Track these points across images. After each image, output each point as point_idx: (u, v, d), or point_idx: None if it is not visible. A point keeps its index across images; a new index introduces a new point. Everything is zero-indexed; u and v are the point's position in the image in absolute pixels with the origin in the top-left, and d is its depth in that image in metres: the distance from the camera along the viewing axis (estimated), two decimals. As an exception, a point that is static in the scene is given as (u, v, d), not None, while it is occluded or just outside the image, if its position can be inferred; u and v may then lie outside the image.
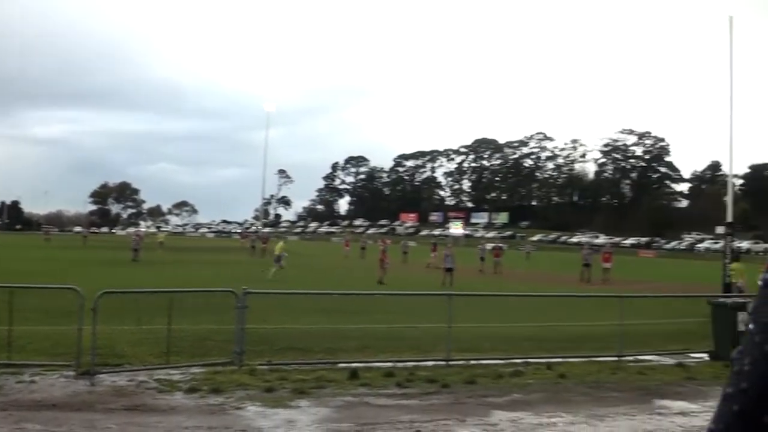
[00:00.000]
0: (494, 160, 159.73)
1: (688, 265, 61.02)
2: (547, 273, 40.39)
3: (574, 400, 10.42)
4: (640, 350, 14.84)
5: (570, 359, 13.49)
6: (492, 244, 55.10)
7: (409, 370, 11.77)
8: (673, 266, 60.22)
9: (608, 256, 38.12)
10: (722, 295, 19.02)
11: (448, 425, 8.66)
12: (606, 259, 37.60)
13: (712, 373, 12.97)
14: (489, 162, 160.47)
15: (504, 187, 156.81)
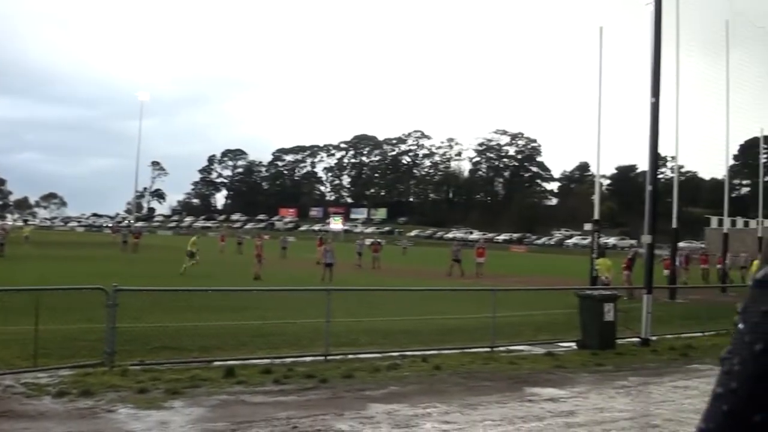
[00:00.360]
0: (373, 157, 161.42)
1: (558, 260, 64.13)
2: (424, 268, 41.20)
3: (449, 390, 10.68)
4: (511, 341, 15.43)
5: (445, 351, 13.83)
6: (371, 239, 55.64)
7: (287, 366, 11.68)
8: (543, 261, 63.08)
9: (482, 251, 39.29)
10: (589, 288, 20.08)
11: (325, 420, 8.65)
12: (480, 254, 38.74)
13: (580, 361, 13.68)
14: (368, 158, 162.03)
15: (383, 183, 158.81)
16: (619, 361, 13.98)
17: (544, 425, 8.87)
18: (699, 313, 20.18)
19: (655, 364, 14.01)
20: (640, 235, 20.16)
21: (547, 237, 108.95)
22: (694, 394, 11.31)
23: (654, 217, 17.82)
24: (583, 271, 28.99)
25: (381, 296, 17.24)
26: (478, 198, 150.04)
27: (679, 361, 14.58)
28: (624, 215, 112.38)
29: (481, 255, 38.60)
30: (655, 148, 17.92)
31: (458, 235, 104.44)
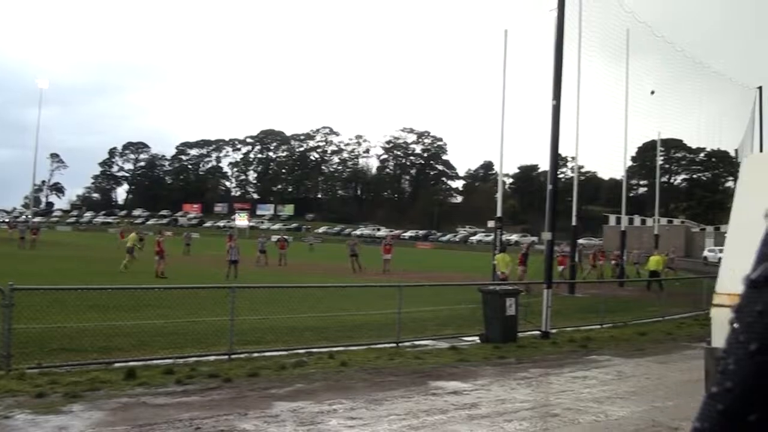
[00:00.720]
0: (281, 152, 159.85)
1: (462, 256, 65.40)
2: (331, 264, 41.16)
3: (355, 386, 10.73)
4: (417, 336, 15.65)
5: (351, 347, 13.90)
6: (277, 236, 55.06)
7: (190, 366, 11.45)
8: (448, 257, 64.19)
9: (389, 248, 39.64)
10: (492, 283, 20.57)
11: (229, 420, 8.53)
12: (387, 250, 39.06)
13: (483, 355, 14.03)
14: (275, 154, 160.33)
15: (290, 179, 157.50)
16: (521, 354, 14.42)
17: (448, 418, 9.04)
18: (597, 306, 21.04)
19: (555, 356, 14.53)
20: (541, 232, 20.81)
21: (452, 234, 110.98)
22: (592, 383, 11.80)
23: (554, 215, 18.45)
24: (487, 267, 29.69)
25: (287, 293, 17.10)
26: (386, 195, 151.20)
27: (578, 352, 15.17)
28: (526, 213, 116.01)
29: (388, 252, 38.92)
30: (556, 149, 18.55)
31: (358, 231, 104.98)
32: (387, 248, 39.32)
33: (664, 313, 22.03)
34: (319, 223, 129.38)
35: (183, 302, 14.98)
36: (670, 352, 15.48)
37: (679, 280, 31.45)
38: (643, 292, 29.83)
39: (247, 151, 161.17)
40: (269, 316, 14.93)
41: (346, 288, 18.80)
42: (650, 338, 17.73)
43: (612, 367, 13.47)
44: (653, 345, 16.64)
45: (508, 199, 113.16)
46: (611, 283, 29.19)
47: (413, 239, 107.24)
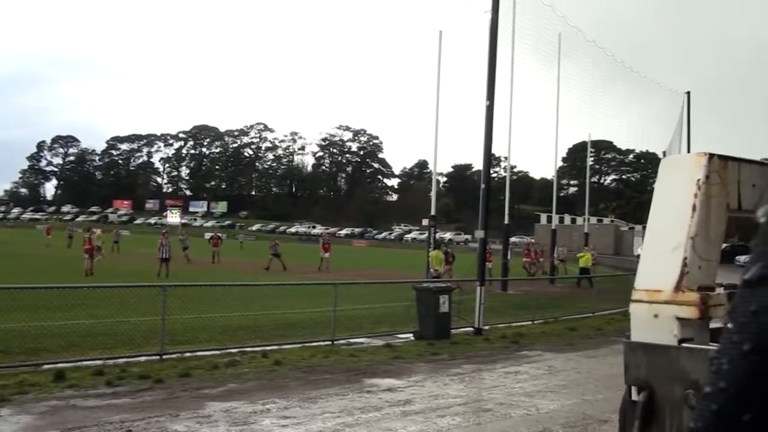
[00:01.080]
0: (214, 148, 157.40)
1: (398, 254, 65.76)
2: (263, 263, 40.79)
3: (289, 385, 10.71)
4: (352, 334, 15.70)
5: (286, 346, 13.85)
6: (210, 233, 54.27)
7: (120, 367, 11.24)
8: (383, 255, 64.42)
9: (327, 246, 39.69)
10: (426, 281, 20.78)
11: (160, 421, 8.40)
12: (325, 249, 39.11)
13: (417, 351, 14.17)
14: (208, 150, 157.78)
15: (223, 175, 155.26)
16: (454, 350, 14.62)
17: (382, 415, 9.11)
18: (528, 303, 21.50)
19: (488, 352, 14.79)
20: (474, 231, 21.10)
21: (387, 232, 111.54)
22: (523, 378, 12.07)
23: (487, 214, 18.76)
24: (421, 264, 29.98)
25: (220, 292, 16.91)
26: (321, 193, 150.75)
27: (510, 348, 15.48)
28: (460, 211, 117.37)
29: (326, 250, 38.95)
30: (489, 149, 18.86)
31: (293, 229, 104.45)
32: (326, 247, 39.33)
33: (593, 309, 22.66)
34: (253, 220, 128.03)
35: (113, 301, 14.65)
36: (599, 346, 15.94)
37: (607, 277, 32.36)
38: (573, 288, 30.61)
39: (180, 146, 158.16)
40: (202, 315, 14.74)
41: (281, 286, 18.70)
42: (580, 333, 18.21)
43: (543, 362, 13.80)
44: (583, 340, 17.10)
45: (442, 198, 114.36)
46: (542, 281, 29.88)
47: (349, 237, 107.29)
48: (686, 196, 1.62)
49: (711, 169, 1.65)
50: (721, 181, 1.68)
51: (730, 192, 1.71)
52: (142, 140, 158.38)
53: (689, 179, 1.64)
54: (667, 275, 1.60)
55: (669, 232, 1.63)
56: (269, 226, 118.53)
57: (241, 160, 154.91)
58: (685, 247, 1.59)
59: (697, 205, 1.61)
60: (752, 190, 1.77)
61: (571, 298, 25.82)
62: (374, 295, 20.38)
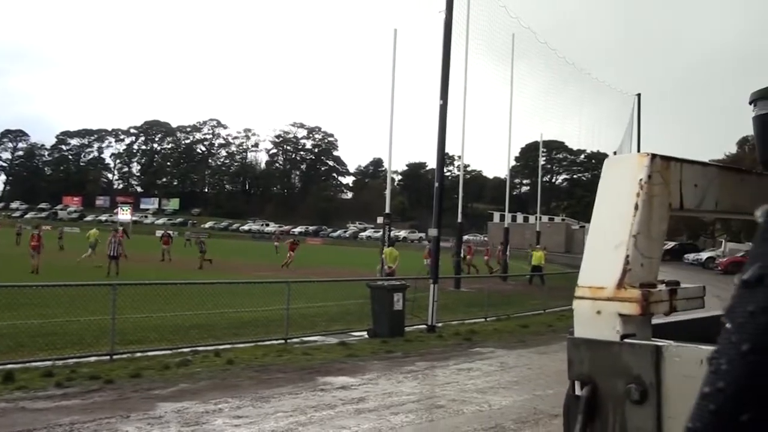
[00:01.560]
0: (166, 144, 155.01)
1: (352, 252, 65.70)
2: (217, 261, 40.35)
3: (242, 384, 10.63)
4: (306, 332, 15.66)
5: (238, 345, 13.75)
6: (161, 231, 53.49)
7: (70, 367, 11.04)
8: (338, 253, 64.27)
9: (294, 246, 39.70)
10: (380, 279, 20.82)
11: (111, 423, 8.27)
12: (292, 248, 39.20)
13: (371, 349, 14.20)
14: (160, 146, 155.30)
15: (175, 172, 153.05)
16: (408, 348, 14.69)
17: (336, 413, 9.12)
18: (481, 300, 21.71)
19: (441, 349, 14.90)
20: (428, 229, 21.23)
21: (342, 230, 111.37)
22: (476, 375, 12.20)
23: (441, 212, 18.89)
24: (375, 262, 29.99)
25: (172, 290, 16.64)
26: (275, 190, 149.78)
27: (463, 345, 15.62)
28: (414, 210, 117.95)
29: (293, 249, 39.00)
30: (443, 148, 19.00)
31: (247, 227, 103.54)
32: (292, 246, 39.37)
33: (545, 306, 22.99)
34: (206, 218, 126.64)
35: (62, 300, 14.35)
36: (550, 343, 16.19)
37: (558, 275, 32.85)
38: (526, 286, 31.00)
39: (131, 142, 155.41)
40: (153, 314, 14.52)
41: (233, 285, 18.51)
42: (532, 330, 18.47)
43: (495, 358, 13.96)
44: (534, 337, 17.34)
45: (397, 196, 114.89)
46: (495, 278, 30.19)
47: (303, 235, 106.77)
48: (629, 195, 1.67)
49: (653, 169, 1.70)
50: (664, 181, 1.72)
51: (672, 192, 1.76)
52: (92, 135, 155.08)
53: (632, 179, 1.69)
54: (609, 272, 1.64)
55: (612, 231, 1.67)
56: (222, 224, 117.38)
57: (193, 157, 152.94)
58: (627, 245, 1.64)
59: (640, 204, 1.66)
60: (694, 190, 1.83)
61: (523, 296, 26.15)
62: (328, 293, 20.35)
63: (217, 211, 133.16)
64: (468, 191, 43.39)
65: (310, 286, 20.59)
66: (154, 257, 38.61)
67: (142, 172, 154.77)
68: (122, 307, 12.84)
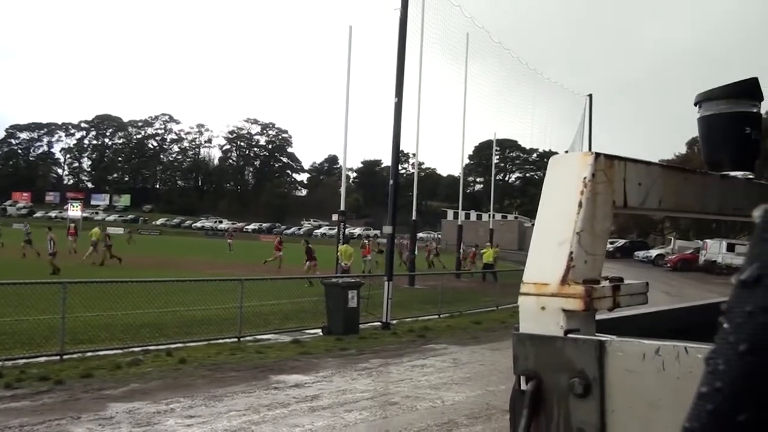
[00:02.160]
0: (117, 139, 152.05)
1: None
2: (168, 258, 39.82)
3: (194, 384, 10.53)
4: (259, 330, 15.57)
5: (191, 344, 13.61)
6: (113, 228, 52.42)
7: (19, 368, 10.82)
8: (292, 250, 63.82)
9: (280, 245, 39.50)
10: (335, 276, 20.79)
11: (61, 425, 8.12)
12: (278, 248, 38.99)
13: (325, 347, 14.19)
14: (111, 140, 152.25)
15: (127, 168, 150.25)
16: (362, 345, 14.72)
17: (289, 411, 9.09)
18: (435, 297, 21.85)
19: (395, 346, 14.97)
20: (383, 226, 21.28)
21: (296, 227, 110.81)
22: (430, 371, 12.29)
23: (395, 209, 18.95)
24: (330, 260, 29.92)
25: (122, 288, 16.37)
26: (228, 187, 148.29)
27: (417, 342, 15.72)
28: (369, 207, 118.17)
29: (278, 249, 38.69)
30: (398, 145, 19.07)
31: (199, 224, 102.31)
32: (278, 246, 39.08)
33: (497, 302, 23.25)
34: (158, 214, 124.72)
35: (10, 299, 13.99)
36: (502, 339, 16.37)
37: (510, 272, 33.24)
38: (479, 283, 31.31)
39: (81, 136, 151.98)
40: (103, 312, 14.26)
41: (185, 282, 18.27)
42: (484, 327, 18.67)
43: (448, 355, 14.08)
44: (487, 333, 17.54)
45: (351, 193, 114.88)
46: (449, 275, 30.40)
47: (257, 232, 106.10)
48: (573, 193, 1.70)
49: (597, 168, 1.73)
50: (607, 179, 1.76)
51: (616, 190, 1.80)
52: (42, 129, 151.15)
53: (576, 177, 1.72)
54: (553, 269, 1.67)
55: (556, 228, 1.70)
56: (174, 221, 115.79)
57: (145, 152, 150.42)
58: (571, 242, 1.67)
59: (583, 201, 1.69)
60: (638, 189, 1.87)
61: (476, 293, 26.41)
62: (282, 290, 20.24)
63: (169, 207, 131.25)
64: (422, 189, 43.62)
65: (264, 284, 20.44)
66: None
67: (93, 168, 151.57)
68: (72, 306, 12.59)
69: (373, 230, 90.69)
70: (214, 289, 18.25)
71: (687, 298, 15.74)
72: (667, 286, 31.77)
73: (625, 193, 1.80)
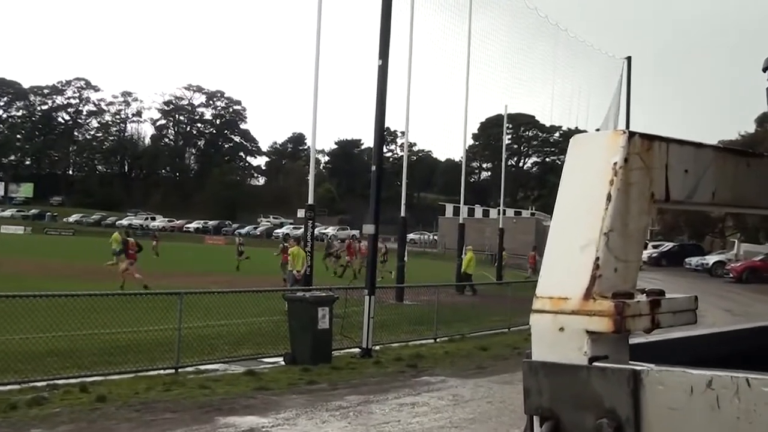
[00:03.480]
0: (14, 111, 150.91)
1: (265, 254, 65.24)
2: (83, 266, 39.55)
3: (116, 429, 10.51)
4: (203, 359, 15.53)
5: (113, 376, 13.56)
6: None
7: None
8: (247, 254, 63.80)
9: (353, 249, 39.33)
10: (300, 288, 20.78)
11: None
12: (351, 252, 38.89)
13: (288, 380, 14.19)
14: (6, 112, 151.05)
15: (28, 148, 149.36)
16: (336, 377, 14.74)
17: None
18: (430, 316, 21.90)
19: (378, 379, 15.00)
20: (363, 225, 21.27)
21: (252, 225, 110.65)
22: (423, 411, 12.32)
23: (379, 203, 18.93)
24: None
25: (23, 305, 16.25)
26: (164, 173, 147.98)
27: (407, 373, 15.76)
28: (345, 200, 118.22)
29: (351, 254, 38.63)
30: (382, 121, 19.06)
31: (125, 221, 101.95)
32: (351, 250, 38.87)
33: (509, 322, 23.34)
34: (71, 209, 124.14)
35: None
36: (515, 369, 16.41)
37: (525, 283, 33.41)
38: (485, 298, 31.38)
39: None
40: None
41: (106, 297, 18.16)
42: (492, 353, 18.74)
43: (447, 390, 14.13)
44: (496, 361, 17.60)
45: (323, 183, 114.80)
46: (447, 288, 30.46)
47: (201, 232, 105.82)
48: (600, 182, 1.71)
49: (631, 150, 1.74)
50: (644, 165, 1.77)
51: (655, 178, 1.81)
52: None
53: (604, 162, 1.73)
54: (575, 279, 1.69)
55: (578, 227, 1.72)
56: (92, 217, 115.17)
57: (53, 128, 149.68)
58: (597, 245, 1.69)
59: (613, 194, 1.70)
60: (684, 177, 1.87)
61: (482, 310, 26.50)
62: (233, 307, 20.18)
63: (85, 200, 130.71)
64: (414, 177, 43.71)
65: (210, 299, 20.41)
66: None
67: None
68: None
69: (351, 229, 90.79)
70: (145, 306, 18.17)
71: (754, 318, 15.85)
72: (729, 302, 32.06)
73: (668, 183, 1.80)
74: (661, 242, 65.03)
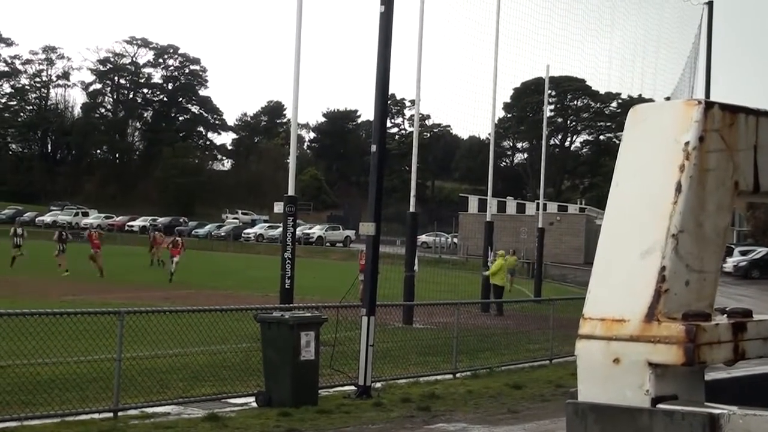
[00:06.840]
0: None
1: (230, 260, 65.34)
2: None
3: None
4: (151, 399, 15.53)
5: (31, 422, 13.59)
6: None
7: None
8: (206, 262, 63.94)
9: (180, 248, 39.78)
10: (278, 307, 20.77)
11: None
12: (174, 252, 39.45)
13: (261, 427, 14.19)
14: None
15: None
16: (324, 424, 14.75)
17: None
18: (447, 343, 21.86)
19: (380, 426, 15.01)
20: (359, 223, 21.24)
21: (215, 224, 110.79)
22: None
23: (380, 195, 18.91)
24: (272, 278, 29.95)
25: None
26: (99, 155, 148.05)
27: (417, 418, 15.75)
28: (337, 191, 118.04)
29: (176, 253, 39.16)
30: (386, 87, 19.02)
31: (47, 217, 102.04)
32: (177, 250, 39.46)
33: (551, 352, 23.33)
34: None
35: None
36: (557, 414, 16.45)
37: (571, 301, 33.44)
38: (519, 318, 31.39)
39: None
40: None
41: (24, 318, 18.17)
42: (529, 393, 18.73)
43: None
44: (533, 404, 17.60)
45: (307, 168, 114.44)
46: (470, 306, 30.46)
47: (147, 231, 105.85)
48: (666, 169, 1.71)
49: (708, 127, 1.73)
50: (726, 146, 1.76)
51: (740, 164, 1.80)
52: None
53: (672, 141, 1.72)
54: (634, 295, 1.68)
55: (638, 227, 1.71)
56: (4, 211, 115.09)
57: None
58: (662, 251, 1.68)
59: (684, 183, 1.70)
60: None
61: (517, 335, 26.47)
62: (190, 331, 20.22)
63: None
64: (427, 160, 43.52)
65: (160, 320, 20.41)
66: None
67: None
68: None
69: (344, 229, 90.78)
70: (75, 328, 18.19)
71: None
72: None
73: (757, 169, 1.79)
74: (751, 247, 64.83)
